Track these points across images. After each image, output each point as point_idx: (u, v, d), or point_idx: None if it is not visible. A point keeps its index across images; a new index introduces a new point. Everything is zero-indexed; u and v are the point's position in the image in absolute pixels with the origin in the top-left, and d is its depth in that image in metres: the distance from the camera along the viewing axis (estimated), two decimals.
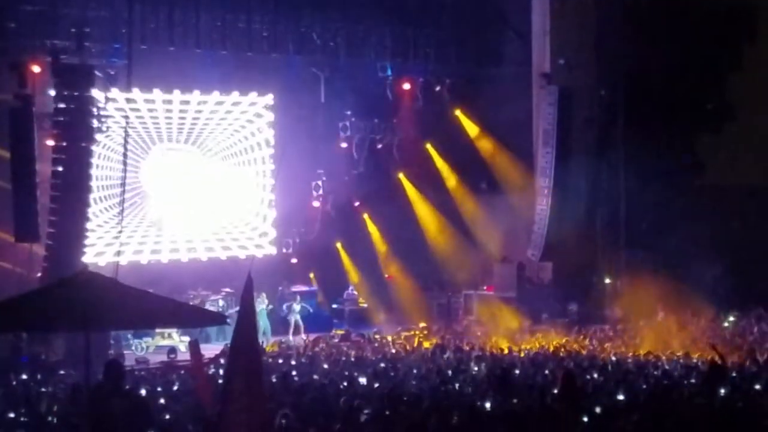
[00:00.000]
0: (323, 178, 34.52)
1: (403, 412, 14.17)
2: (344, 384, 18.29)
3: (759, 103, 32.22)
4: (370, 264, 34.72)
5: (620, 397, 15.08)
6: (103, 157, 29.05)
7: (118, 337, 27.02)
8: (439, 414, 13.83)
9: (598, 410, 13.82)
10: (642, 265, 32.37)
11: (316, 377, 19.91)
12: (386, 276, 35.13)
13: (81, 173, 26.51)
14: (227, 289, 30.18)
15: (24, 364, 23.57)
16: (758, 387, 16.16)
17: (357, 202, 35.29)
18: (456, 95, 34.90)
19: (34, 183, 26.14)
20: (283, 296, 31.74)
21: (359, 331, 30.46)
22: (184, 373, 21.49)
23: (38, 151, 26.41)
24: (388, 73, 34.04)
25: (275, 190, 33.24)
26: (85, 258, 26.76)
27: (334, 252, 34.80)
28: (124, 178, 27.97)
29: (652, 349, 24.42)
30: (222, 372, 17.70)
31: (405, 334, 29.64)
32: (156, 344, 28.33)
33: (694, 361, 21.68)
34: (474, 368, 20.92)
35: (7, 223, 26.34)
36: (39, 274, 25.95)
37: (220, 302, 29.82)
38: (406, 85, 34.58)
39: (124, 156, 27.46)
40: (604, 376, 18.72)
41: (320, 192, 34.57)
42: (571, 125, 32.28)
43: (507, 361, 22.17)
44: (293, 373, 20.36)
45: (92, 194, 27.43)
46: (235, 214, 33.10)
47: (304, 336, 30.01)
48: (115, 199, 29.43)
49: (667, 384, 16.98)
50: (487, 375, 18.95)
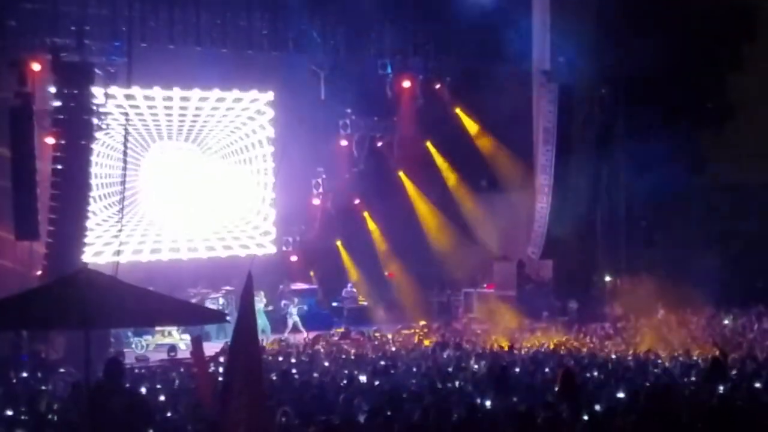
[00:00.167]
0: (323, 176, 34.52)
1: (403, 410, 14.17)
2: (344, 382, 18.28)
3: (759, 102, 32.26)
4: (370, 262, 34.69)
5: (620, 395, 15.08)
6: (104, 155, 29.05)
7: (118, 335, 26.98)
8: (439, 412, 13.83)
9: (598, 408, 13.82)
10: (642, 263, 32.45)
11: (316, 375, 19.91)
12: (386, 274, 35.12)
13: (81, 171, 26.47)
14: (227, 287, 30.14)
15: (24, 362, 23.54)
16: (758, 385, 16.15)
17: (357, 200, 35.27)
18: (456, 93, 34.90)
19: (34, 181, 26.08)
20: (283, 294, 31.72)
21: (359, 329, 30.43)
22: (184, 371, 21.48)
23: (38, 149, 26.38)
24: (388, 70, 34.05)
25: (275, 188, 33.24)
26: (85, 256, 26.75)
27: (334, 250, 34.79)
28: (124, 176, 27.96)
29: (652, 346, 24.40)
30: (222, 370, 17.70)
31: (405, 332, 29.60)
32: (156, 342, 28.30)
33: (694, 358, 21.67)
34: (474, 366, 20.92)
35: (7, 222, 26.30)
36: (39, 273, 25.92)
37: (220, 300, 29.78)
38: (406, 83, 34.57)
39: (124, 154, 27.46)
40: (604, 374, 18.72)
41: (320, 190, 34.57)
42: (572, 123, 32.29)
43: (507, 359, 22.15)
44: (293, 371, 20.37)
45: (92, 192, 27.43)
46: (235, 212, 33.08)
47: (305, 334, 30.00)
48: (115, 197, 29.43)
49: (667, 382, 16.97)
50: (487, 373, 18.95)
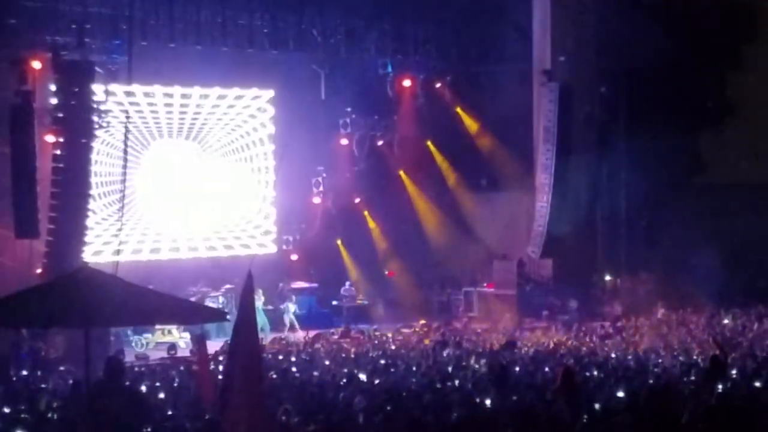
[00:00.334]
0: (324, 175, 34.52)
1: (403, 409, 14.16)
2: (344, 380, 18.28)
3: (759, 101, 32.27)
4: (370, 261, 34.69)
5: (620, 394, 15.05)
6: (104, 153, 29.05)
7: (118, 334, 26.95)
8: (439, 410, 13.83)
9: (598, 407, 13.81)
10: (642, 262, 32.46)
11: (316, 374, 19.91)
12: (386, 273, 35.12)
13: (81, 169, 26.48)
14: (227, 286, 30.13)
15: (24, 360, 23.56)
16: (758, 384, 16.14)
17: (357, 199, 35.26)
18: (456, 92, 34.91)
19: (34, 179, 26.08)
20: (284, 293, 31.71)
21: (359, 328, 30.44)
22: (184, 369, 21.48)
23: (38, 148, 26.38)
24: (389, 70, 34.07)
25: (276, 187, 33.25)
26: (85, 254, 26.75)
27: (334, 249, 34.78)
28: (124, 174, 27.92)
29: (651, 346, 24.42)
30: (222, 369, 17.69)
31: (405, 331, 29.61)
32: (156, 341, 28.29)
33: (694, 358, 21.67)
34: (474, 365, 20.92)
35: (7, 220, 26.29)
36: (39, 271, 25.91)
37: (220, 299, 29.76)
38: (407, 82, 34.60)
39: (125, 152, 27.42)
40: (603, 373, 18.71)
41: (321, 189, 34.56)
42: (572, 122, 32.29)
43: (507, 358, 22.14)
44: (293, 370, 20.37)
45: (93, 191, 27.42)
46: (235, 210, 33.08)
47: (302, 333, 29.99)
48: (115, 195, 29.41)
49: (667, 381, 16.95)
50: (487, 372, 18.94)
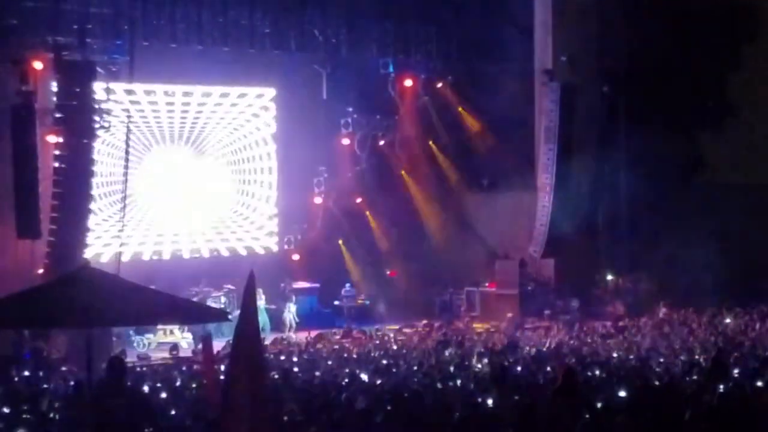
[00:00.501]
0: (325, 175, 34.54)
1: (405, 409, 14.15)
2: (346, 381, 18.28)
3: (760, 101, 32.25)
4: (372, 260, 34.71)
5: (622, 394, 15.05)
6: (106, 153, 29.05)
7: (120, 334, 26.97)
8: (441, 410, 13.83)
9: (599, 406, 13.81)
10: (643, 262, 32.44)
11: (318, 374, 19.92)
12: (388, 272, 35.12)
13: (83, 170, 26.50)
14: (229, 286, 30.12)
15: (26, 360, 23.55)
16: (760, 384, 16.14)
17: (359, 199, 35.27)
18: (458, 92, 34.91)
19: (36, 179, 26.10)
20: (285, 293, 31.71)
21: (361, 328, 30.43)
22: (186, 369, 21.49)
23: (40, 148, 26.39)
24: (390, 69, 34.07)
25: (277, 187, 33.26)
26: (87, 254, 26.76)
27: (336, 249, 34.78)
28: (126, 174, 27.94)
29: (653, 345, 24.39)
30: (224, 369, 17.69)
31: (407, 331, 29.60)
32: (158, 341, 28.29)
33: (696, 357, 21.66)
34: (476, 365, 20.92)
35: (8, 220, 26.30)
36: (41, 271, 25.92)
37: (222, 299, 29.76)
38: (408, 82, 34.62)
39: (126, 153, 27.45)
40: (605, 373, 18.70)
41: (322, 189, 34.57)
42: (573, 122, 32.27)
43: (509, 357, 22.13)
44: (295, 370, 20.37)
45: (95, 191, 27.43)
46: (236, 210, 33.10)
47: (294, 334, 29.96)
48: (117, 195, 29.41)
49: (669, 380, 16.95)
50: (489, 371, 18.93)
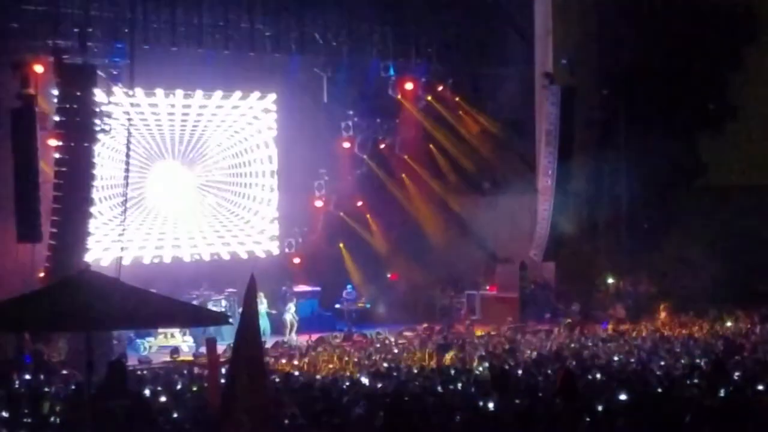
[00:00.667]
0: (326, 178, 34.53)
1: (406, 412, 14.16)
2: (346, 384, 18.29)
3: (760, 103, 32.27)
4: (372, 264, 34.70)
5: (622, 397, 15.06)
6: (106, 156, 29.05)
7: (120, 337, 26.98)
8: (442, 414, 13.84)
9: (600, 409, 13.82)
10: (644, 265, 32.45)
11: (318, 377, 19.93)
12: (389, 276, 35.12)
13: (84, 173, 26.48)
14: (230, 289, 30.13)
15: (27, 364, 23.54)
16: (761, 387, 16.16)
17: (360, 202, 35.27)
18: (458, 95, 34.93)
19: (37, 183, 26.10)
20: (286, 296, 31.70)
21: (361, 331, 30.42)
22: (187, 373, 21.49)
23: (40, 151, 26.40)
24: (391, 73, 34.04)
25: (278, 190, 33.28)
26: (88, 257, 26.76)
27: (336, 252, 34.80)
28: (126, 178, 27.92)
29: (654, 348, 24.39)
30: (224, 372, 17.70)
31: (407, 334, 29.59)
32: (159, 344, 28.26)
33: (697, 360, 21.67)
34: (477, 368, 20.92)
35: (9, 223, 26.30)
36: (41, 274, 25.91)
37: (223, 302, 29.76)
38: (409, 85, 34.61)
39: (127, 156, 27.43)
40: (606, 376, 18.71)
41: (323, 192, 34.56)
42: (574, 125, 32.28)
43: (510, 361, 22.14)
44: (296, 373, 20.38)
45: (96, 194, 27.44)
46: (237, 214, 33.11)
47: (296, 335, 29.99)
48: (118, 198, 29.41)
49: (669, 384, 16.96)
50: (490, 375, 18.94)
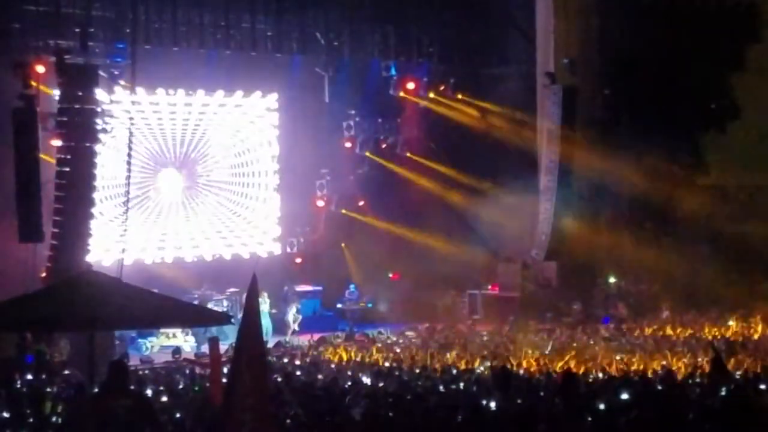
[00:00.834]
0: (327, 178, 34.51)
1: (407, 412, 14.16)
2: (348, 384, 18.29)
3: (763, 102, 32.24)
4: (374, 263, 34.67)
5: (623, 396, 15.06)
6: (108, 156, 29.03)
7: (122, 337, 27.00)
8: (444, 413, 13.83)
9: (601, 408, 13.82)
10: (646, 265, 32.42)
11: (320, 377, 19.92)
12: (390, 275, 35.10)
13: (85, 173, 26.52)
14: (232, 289, 30.15)
15: (29, 364, 23.55)
16: (763, 387, 16.16)
17: (361, 202, 35.27)
18: (460, 94, 34.91)
19: (38, 183, 26.12)
20: (287, 296, 31.71)
21: (363, 331, 30.43)
22: (189, 372, 21.50)
23: (42, 151, 26.41)
24: (392, 72, 34.07)
25: (280, 190, 33.28)
26: (90, 257, 26.78)
27: (338, 252, 34.79)
28: (128, 178, 27.94)
29: (655, 348, 24.41)
30: (226, 372, 17.69)
31: (409, 334, 29.60)
32: (161, 344, 28.27)
33: (698, 360, 21.68)
34: (479, 368, 20.92)
35: (11, 223, 26.31)
36: (43, 274, 25.93)
37: (225, 302, 29.77)
38: (411, 85, 34.62)
39: (128, 156, 27.43)
40: (607, 375, 18.73)
41: (324, 191, 34.55)
42: (575, 124, 32.27)
43: (511, 360, 22.16)
44: (297, 373, 20.38)
45: (97, 194, 27.46)
46: (239, 213, 33.10)
47: (296, 336, 30.01)
48: (119, 198, 29.40)
49: (671, 384, 16.96)
50: (492, 374, 18.94)
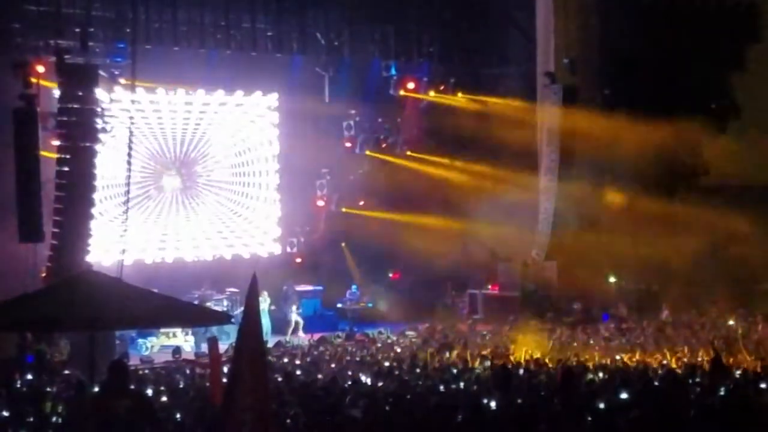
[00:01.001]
0: (328, 178, 34.54)
1: (408, 412, 14.16)
2: (349, 383, 18.29)
3: (763, 102, 32.23)
4: (374, 263, 34.69)
5: (623, 396, 15.07)
6: (108, 156, 29.03)
7: (122, 337, 26.99)
8: (444, 413, 13.83)
9: (601, 407, 13.82)
10: (646, 264, 32.40)
11: (320, 377, 19.92)
12: (390, 275, 35.11)
13: (86, 173, 26.54)
14: (232, 289, 30.16)
15: (29, 363, 23.56)
16: (763, 386, 16.17)
17: (361, 201, 35.27)
18: (460, 94, 34.91)
19: (38, 183, 26.14)
20: (288, 296, 31.72)
21: (363, 331, 30.43)
22: (189, 372, 21.50)
23: (42, 151, 26.41)
24: (392, 72, 34.09)
25: (280, 190, 33.29)
26: (90, 258, 26.78)
27: (338, 251, 34.80)
28: (128, 178, 27.95)
29: (656, 347, 24.39)
30: (226, 371, 17.69)
31: (409, 333, 29.59)
32: (161, 344, 28.25)
33: (699, 359, 21.67)
34: (478, 367, 20.92)
35: (11, 223, 26.32)
36: (43, 274, 25.95)
37: (225, 302, 29.79)
38: (411, 85, 34.64)
39: (129, 156, 27.45)
40: (607, 375, 18.72)
41: (325, 191, 34.57)
42: (575, 124, 32.25)
43: (512, 360, 22.15)
44: (297, 373, 20.38)
45: (97, 193, 27.47)
46: (239, 213, 33.11)
47: (302, 335, 30.02)
48: (120, 198, 29.41)
49: (671, 383, 16.96)
50: (492, 374, 18.94)
